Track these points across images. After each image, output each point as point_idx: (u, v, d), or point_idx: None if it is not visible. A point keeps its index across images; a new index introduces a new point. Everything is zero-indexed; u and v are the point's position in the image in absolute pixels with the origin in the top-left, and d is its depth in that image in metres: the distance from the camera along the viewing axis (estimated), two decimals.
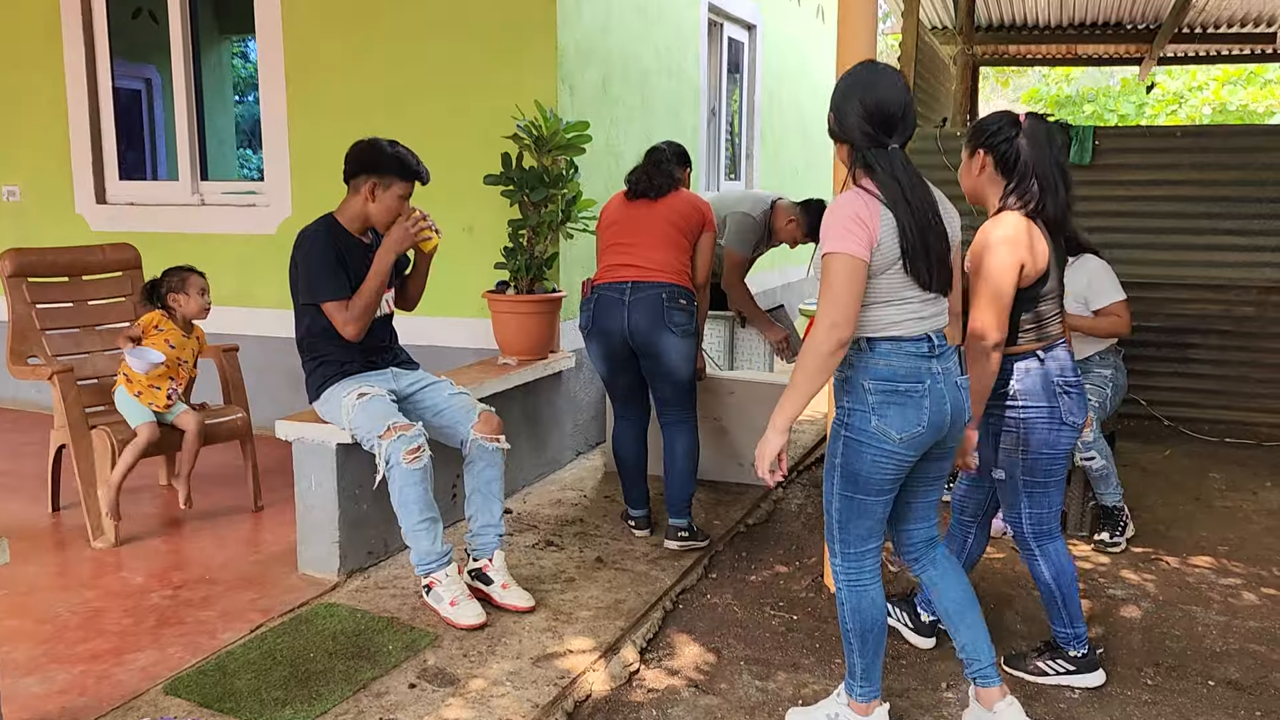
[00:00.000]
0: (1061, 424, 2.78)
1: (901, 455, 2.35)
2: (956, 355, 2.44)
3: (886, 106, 2.29)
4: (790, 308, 8.70)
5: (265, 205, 5.31)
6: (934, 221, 2.32)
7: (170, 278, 3.85)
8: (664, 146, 4.04)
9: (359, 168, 3.29)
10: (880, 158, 2.30)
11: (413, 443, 3.10)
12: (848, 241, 2.24)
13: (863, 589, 2.50)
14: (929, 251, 2.30)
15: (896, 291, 2.32)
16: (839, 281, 2.24)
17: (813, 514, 4.32)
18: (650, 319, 3.71)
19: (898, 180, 2.28)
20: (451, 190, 4.70)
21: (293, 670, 2.80)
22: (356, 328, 3.26)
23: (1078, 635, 2.90)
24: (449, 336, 4.90)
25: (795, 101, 9.28)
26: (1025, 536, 2.89)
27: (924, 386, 2.33)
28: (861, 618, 2.50)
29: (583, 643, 3.07)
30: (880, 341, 2.34)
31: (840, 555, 2.51)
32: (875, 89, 2.31)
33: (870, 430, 2.34)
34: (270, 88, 5.16)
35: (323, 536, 3.43)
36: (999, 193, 2.78)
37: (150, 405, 3.75)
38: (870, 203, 2.27)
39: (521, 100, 4.55)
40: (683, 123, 6.20)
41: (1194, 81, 16.21)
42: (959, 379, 2.43)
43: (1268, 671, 2.99)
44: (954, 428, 2.42)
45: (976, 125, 2.83)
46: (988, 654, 2.57)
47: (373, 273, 3.27)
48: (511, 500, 4.36)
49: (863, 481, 2.40)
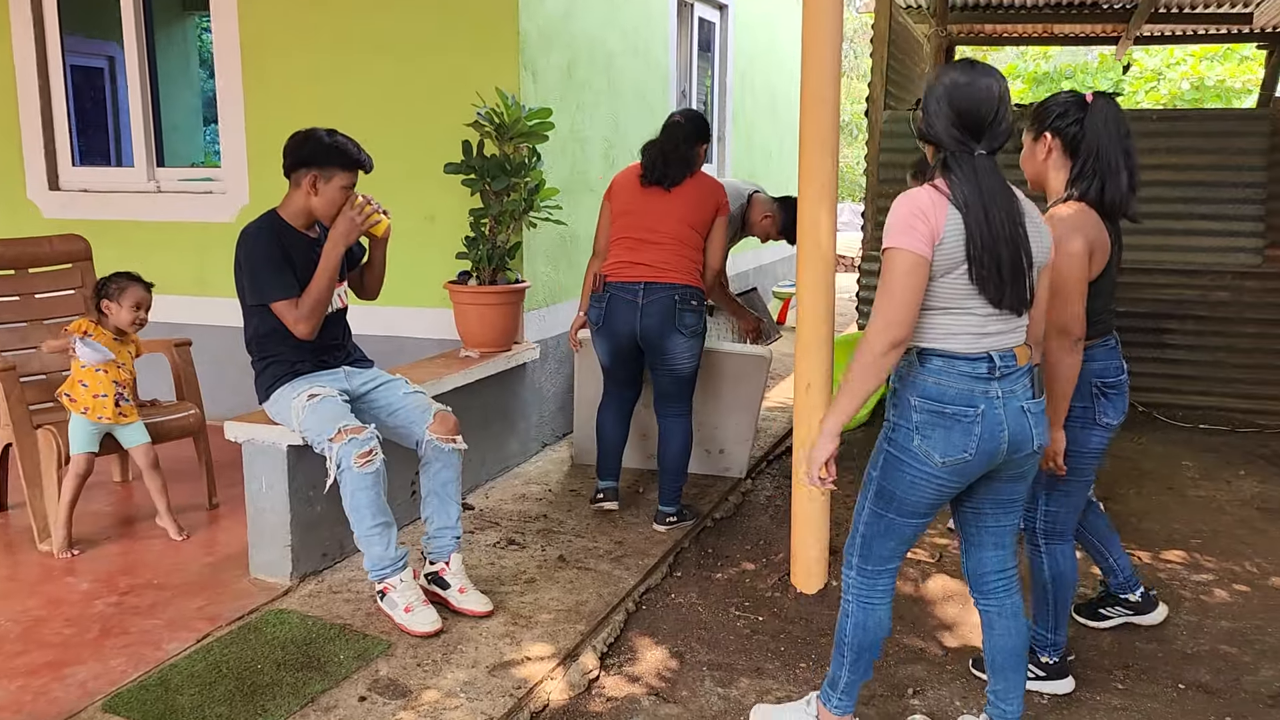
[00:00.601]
0: (1094, 424, 2.71)
1: (944, 480, 2.20)
2: (1029, 377, 2.24)
3: (977, 110, 2.13)
4: (764, 290, 8.63)
5: (223, 192, 5.16)
6: (1014, 234, 2.13)
7: (112, 283, 3.68)
8: (681, 120, 3.91)
9: (297, 161, 3.16)
10: (963, 162, 2.15)
11: (364, 446, 3.00)
12: (908, 236, 2.09)
13: (871, 608, 2.39)
14: (1001, 264, 2.12)
15: (957, 300, 2.15)
16: (896, 278, 2.10)
17: (781, 506, 4.25)
18: (661, 321, 3.76)
19: (978, 186, 2.12)
20: (412, 178, 4.59)
21: (239, 683, 2.71)
22: (308, 326, 3.15)
23: (1055, 643, 2.84)
24: (411, 327, 4.79)
25: (768, 83, 9.16)
26: (1035, 531, 2.82)
27: (976, 411, 2.16)
28: (863, 635, 2.40)
29: (541, 649, 2.99)
30: (932, 356, 2.18)
31: (856, 570, 2.39)
32: (968, 91, 2.14)
33: (912, 450, 2.20)
34: (225, 71, 5.00)
35: (274, 540, 3.33)
36: (1063, 178, 2.67)
37: (100, 419, 3.60)
38: (938, 200, 2.13)
39: (483, 86, 4.42)
40: (652, 106, 6.08)
41: (1171, 58, 16.16)
42: (1026, 403, 2.21)
43: (1239, 674, 2.94)
44: (1017, 454, 2.22)
45: (1041, 107, 2.72)
46: (1017, 708, 2.45)
47: (321, 268, 3.15)
48: (473, 496, 4.27)
49: (897, 502, 2.26)
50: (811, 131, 3.24)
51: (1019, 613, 2.43)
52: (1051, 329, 2.50)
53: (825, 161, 3.24)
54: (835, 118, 3.26)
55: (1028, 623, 2.48)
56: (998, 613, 2.43)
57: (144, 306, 3.69)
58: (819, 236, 3.27)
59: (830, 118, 3.24)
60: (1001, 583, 2.42)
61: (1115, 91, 2.78)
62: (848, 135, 17.81)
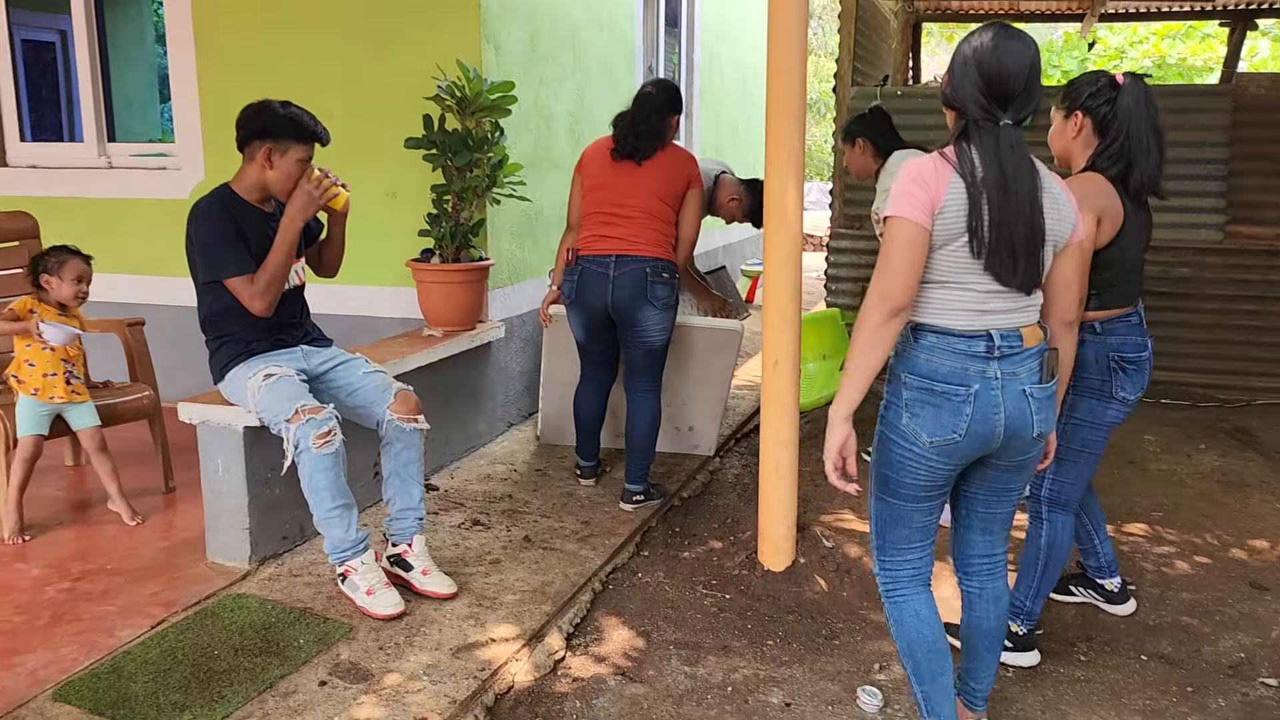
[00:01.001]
0: (1111, 398, 2.73)
1: (934, 462, 2.11)
2: (1037, 360, 2.13)
3: (1007, 78, 2.01)
4: (732, 269, 8.60)
5: (177, 168, 5.04)
6: (1026, 211, 2.02)
7: (49, 257, 3.58)
8: (653, 91, 3.86)
9: (251, 133, 3.06)
10: (986, 132, 2.03)
11: (323, 426, 2.93)
12: (904, 204, 2.01)
13: (902, 600, 2.27)
14: (1015, 242, 2.01)
15: (955, 274, 2.05)
16: (893, 248, 2.01)
17: (749, 485, 4.23)
18: (633, 293, 3.74)
19: (999, 159, 2.01)
20: (373, 153, 4.50)
21: (195, 670, 2.65)
22: (264, 302, 3.07)
23: (1030, 612, 2.86)
24: (373, 306, 4.71)
25: (736, 59, 9.10)
26: (1040, 498, 2.83)
27: (968, 391, 2.06)
28: (904, 632, 2.27)
29: (506, 630, 2.95)
30: (926, 331, 2.09)
31: (877, 562, 2.30)
32: (997, 56, 2.02)
33: (900, 427, 2.12)
34: (178, 45, 4.87)
35: (232, 524, 3.26)
36: (1084, 157, 2.69)
37: (52, 399, 3.50)
38: (941, 167, 2.03)
39: (443, 60, 4.33)
40: (618, 81, 6.00)
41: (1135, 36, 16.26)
42: (1030, 387, 2.10)
43: (1199, 645, 2.96)
44: (1014, 440, 2.12)
45: (1074, 86, 2.71)
46: (987, 685, 2.41)
47: (278, 243, 3.07)
48: (438, 477, 4.21)
49: (892, 485, 2.18)
50: (778, 104, 3.19)
51: (1001, 597, 2.37)
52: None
53: (792, 134, 3.20)
54: (802, 90, 3.22)
55: (1008, 607, 2.42)
56: (979, 594, 2.37)
57: (85, 279, 3.61)
58: (786, 210, 3.23)
59: (797, 90, 3.19)
60: (986, 565, 2.36)
61: (1145, 74, 2.79)
62: (815, 114, 17.79)
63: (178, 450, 4.01)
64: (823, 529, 3.67)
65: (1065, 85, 2.76)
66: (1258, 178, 5.28)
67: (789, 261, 3.27)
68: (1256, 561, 3.51)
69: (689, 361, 4.44)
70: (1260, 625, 3.06)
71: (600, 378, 4.04)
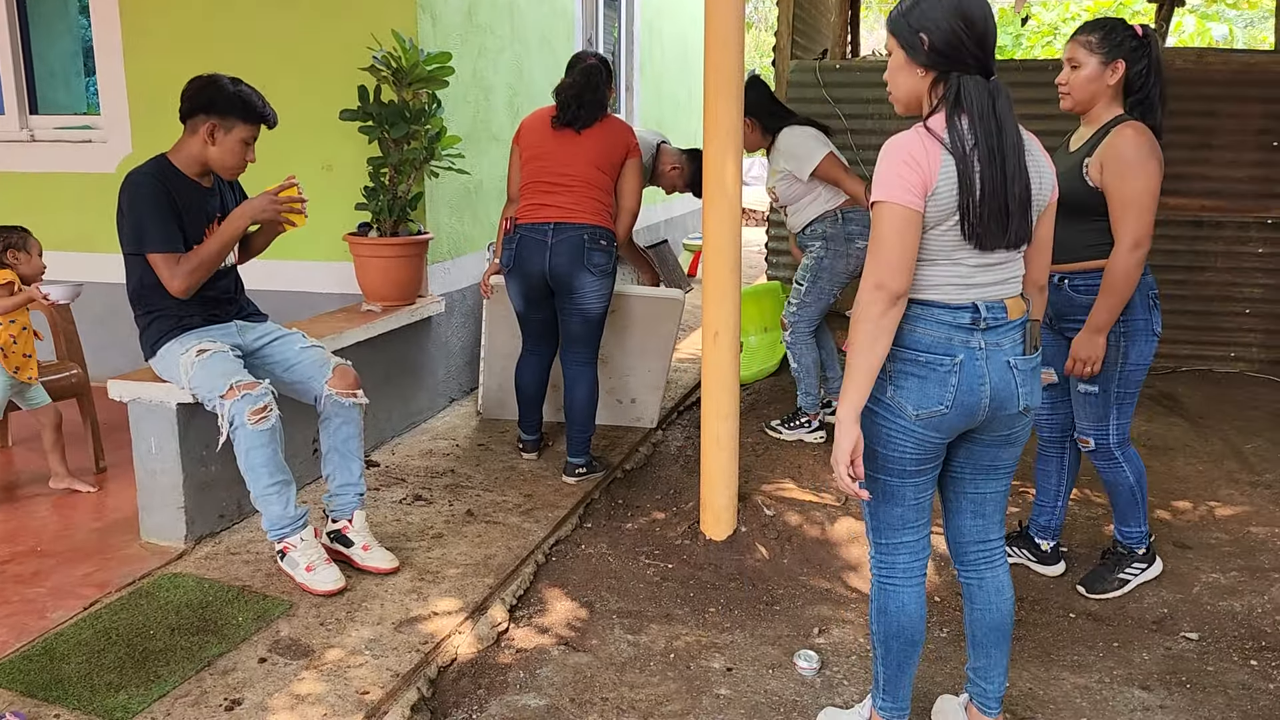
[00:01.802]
0: (1152, 334, 2.88)
1: (921, 435, 2.04)
2: (1020, 331, 2.08)
3: (992, 28, 1.92)
4: (674, 243, 8.61)
5: (103, 142, 4.90)
6: (1015, 169, 1.95)
7: (13, 234, 3.51)
8: (596, 63, 3.84)
9: (196, 106, 2.98)
10: (979, 89, 1.93)
11: (258, 402, 2.89)
12: (895, 187, 1.91)
13: (893, 589, 2.18)
14: (1006, 203, 1.94)
15: (946, 252, 1.99)
16: (886, 234, 1.91)
17: (692, 456, 4.26)
18: (570, 259, 3.73)
19: (995, 114, 1.92)
20: (308, 125, 4.41)
21: (129, 650, 2.60)
22: (184, 285, 2.98)
23: (1145, 533, 3.12)
24: (310, 281, 4.63)
25: (677, 33, 9.08)
26: (1110, 446, 3.00)
27: (953, 361, 1.99)
28: (886, 621, 2.19)
29: (449, 604, 2.95)
30: (912, 304, 2.01)
31: (873, 544, 2.22)
32: (980, 4, 1.92)
33: (886, 400, 2.04)
34: (102, 16, 4.72)
35: (166, 502, 3.20)
36: (1112, 103, 2.79)
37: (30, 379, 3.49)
38: (930, 145, 1.93)
39: (379, 30, 4.26)
40: (558, 53, 5.95)
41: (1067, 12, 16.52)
42: (1015, 358, 2.05)
43: (1125, 602, 3.06)
44: (1000, 412, 2.06)
45: (1111, 32, 2.76)
46: (999, 685, 2.30)
47: (218, 235, 3.00)
48: (379, 453, 4.18)
49: (880, 460, 2.09)
50: (715, 79, 3.19)
51: (1002, 587, 2.27)
52: (1127, 242, 2.69)
53: (730, 109, 3.21)
54: (739, 64, 3.22)
55: (1013, 600, 2.30)
56: (978, 585, 2.27)
57: (42, 253, 3.58)
58: (725, 184, 3.24)
59: (734, 64, 3.20)
60: (982, 554, 2.27)
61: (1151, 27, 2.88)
62: None
63: (108, 430, 3.92)
64: (763, 498, 3.71)
65: (1094, 32, 2.78)
66: (1183, 150, 5.40)
67: (728, 234, 3.28)
68: (1180, 521, 3.63)
69: (630, 332, 4.44)
70: (1183, 582, 3.18)
71: (541, 350, 4.03)
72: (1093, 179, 2.76)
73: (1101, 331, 2.80)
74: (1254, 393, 5.31)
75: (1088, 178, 2.77)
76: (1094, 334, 2.81)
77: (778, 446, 4.31)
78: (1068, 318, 2.94)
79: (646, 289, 4.43)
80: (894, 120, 5.98)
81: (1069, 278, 2.90)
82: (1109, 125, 2.78)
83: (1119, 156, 2.71)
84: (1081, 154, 2.80)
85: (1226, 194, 5.49)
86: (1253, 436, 4.57)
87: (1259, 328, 5.66)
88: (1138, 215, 2.71)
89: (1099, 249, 2.81)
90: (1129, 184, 2.70)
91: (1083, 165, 2.78)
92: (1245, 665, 2.74)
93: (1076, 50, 2.80)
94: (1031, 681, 2.66)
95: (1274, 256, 5.58)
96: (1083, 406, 2.99)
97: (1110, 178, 2.73)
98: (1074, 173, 2.79)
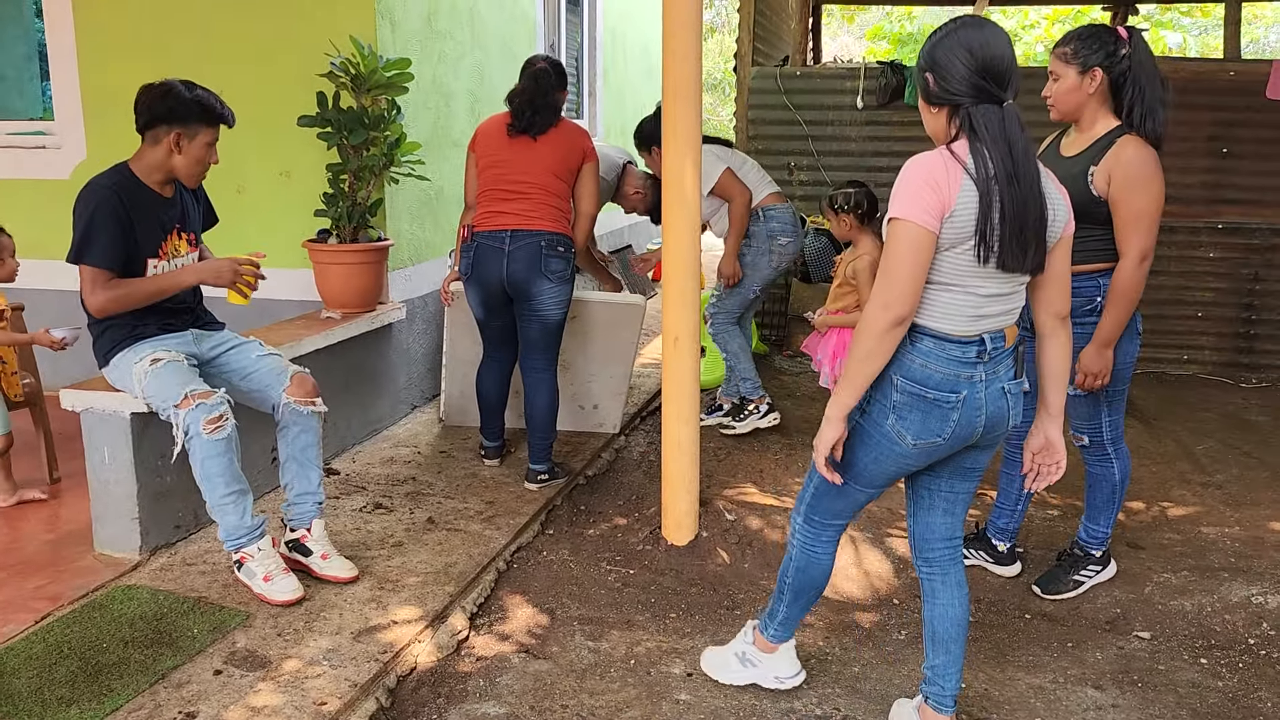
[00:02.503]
0: (1136, 333, 2.94)
1: (911, 459, 2.14)
2: (1012, 357, 2.14)
3: (997, 56, 1.98)
4: (638, 248, 8.63)
5: (57, 148, 4.83)
6: (1035, 194, 2.00)
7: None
8: (548, 68, 3.84)
9: (156, 117, 2.94)
10: (990, 117, 1.98)
11: (213, 411, 2.86)
12: (914, 206, 1.94)
13: (814, 556, 2.39)
14: (1024, 227, 1.98)
15: (960, 277, 2.02)
16: (899, 253, 1.95)
17: (654, 462, 4.26)
18: (528, 266, 3.73)
19: (1008, 143, 1.97)
20: (266, 131, 4.38)
21: (82, 663, 2.57)
22: (101, 307, 2.92)
23: (1108, 535, 3.17)
24: (269, 289, 4.51)
25: (641, 40, 9.11)
26: (1104, 443, 3.05)
27: (958, 397, 2.06)
28: (804, 578, 2.41)
29: (409, 612, 2.93)
30: (924, 336, 2.06)
31: (804, 518, 2.37)
32: (980, 36, 1.99)
33: (885, 428, 2.11)
34: (56, 19, 4.66)
35: (120, 513, 3.16)
36: (1098, 112, 2.81)
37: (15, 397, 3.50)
38: (952, 168, 1.97)
39: (337, 36, 4.23)
40: (519, 59, 5.88)
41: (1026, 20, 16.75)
42: (1008, 384, 2.13)
43: (1079, 603, 3.11)
44: (991, 434, 2.16)
45: (1084, 42, 2.77)
46: (954, 684, 2.35)
47: (162, 281, 2.97)
48: (339, 461, 4.15)
49: (855, 471, 2.19)
50: (673, 83, 3.21)
51: (963, 582, 2.36)
52: (1134, 255, 2.76)
53: (688, 113, 3.22)
54: (697, 69, 3.24)
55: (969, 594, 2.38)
56: (941, 582, 2.34)
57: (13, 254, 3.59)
58: (684, 189, 3.26)
59: (692, 69, 3.21)
60: (948, 551, 2.34)
61: (1142, 28, 2.89)
62: (720, 94, 17.89)
63: (62, 440, 3.86)
64: (725, 503, 3.73)
65: (1069, 43, 2.80)
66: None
67: (688, 240, 3.30)
68: (1133, 522, 3.69)
69: (592, 338, 4.45)
70: (1135, 582, 3.23)
71: (502, 356, 4.02)
72: (1098, 189, 2.78)
73: (1109, 344, 2.84)
74: (1206, 395, 5.41)
75: (1092, 187, 2.79)
76: (1102, 347, 2.84)
77: (739, 451, 4.33)
78: None
79: (608, 295, 4.44)
80: (854, 126, 6.04)
81: None
82: (1111, 136, 2.78)
83: (1128, 171, 2.73)
84: (1085, 162, 2.81)
85: (1178, 199, 5.57)
86: (1204, 438, 4.65)
87: (1210, 330, 5.77)
88: (1146, 229, 2.75)
89: (1086, 255, 2.84)
90: (1138, 199, 2.73)
91: (1087, 174, 2.79)
92: (1195, 664, 2.79)
93: (1055, 62, 2.84)
94: (987, 682, 2.69)
95: (1225, 261, 5.70)
96: (1074, 406, 3.03)
97: (1118, 191, 2.75)
98: (1078, 180, 2.79)
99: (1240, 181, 5.62)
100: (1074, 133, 2.92)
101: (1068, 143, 2.94)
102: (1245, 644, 2.89)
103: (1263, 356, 5.73)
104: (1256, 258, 5.66)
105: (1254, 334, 5.73)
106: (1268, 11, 16.69)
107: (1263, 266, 5.66)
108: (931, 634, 2.36)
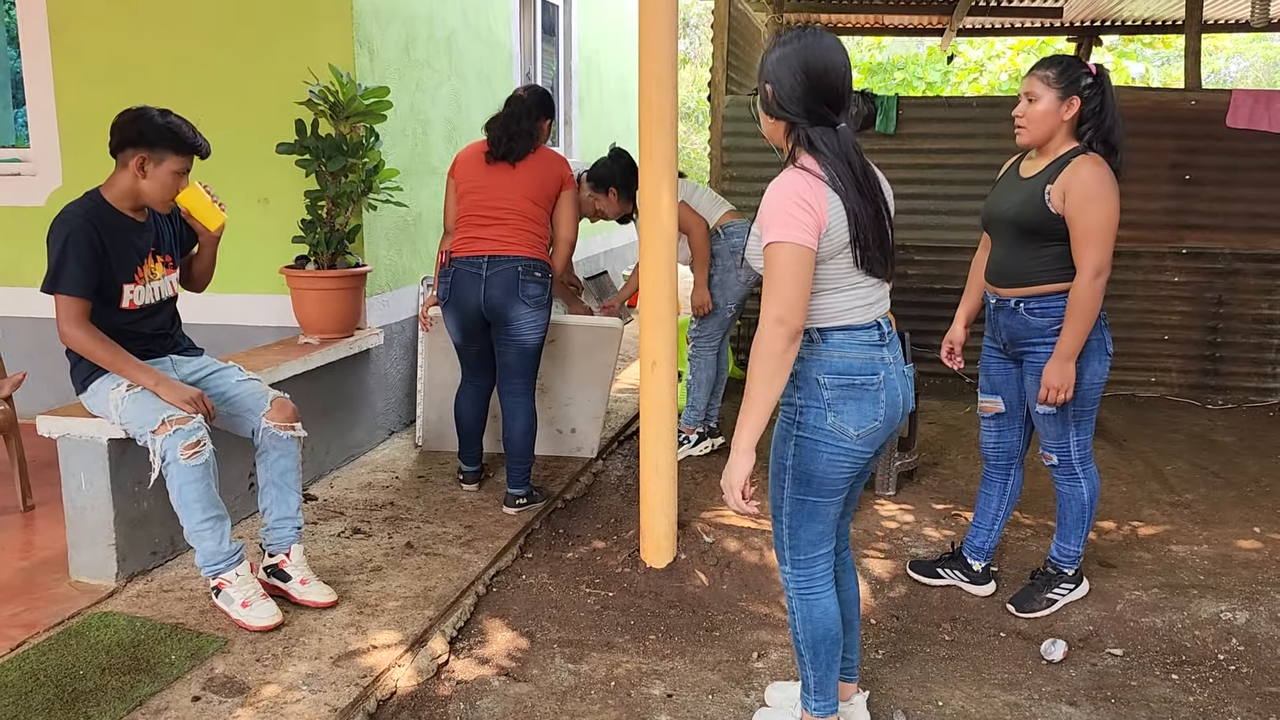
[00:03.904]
0: (1106, 353, 2.98)
1: (859, 452, 2.19)
2: (900, 343, 2.31)
3: (833, 78, 2.06)
4: (614, 274, 8.68)
5: (32, 174, 4.82)
6: (883, 207, 2.15)
7: None
8: (524, 95, 3.90)
9: (125, 140, 2.95)
10: (827, 137, 2.08)
11: (191, 437, 2.86)
12: (791, 228, 2.01)
13: (815, 598, 2.32)
14: (883, 238, 2.13)
15: (845, 277, 2.13)
16: (783, 273, 2.02)
17: (632, 485, 4.29)
18: (505, 291, 3.76)
19: (848, 162, 2.08)
20: (244, 158, 4.39)
21: (58, 691, 2.55)
22: (71, 339, 2.91)
23: (1079, 554, 3.21)
24: (247, 315, 4.59)
25: (616, 69, 9.21)
26: (1073, 463, 3.09)
27: (879, 378, 2.17)
28: (813, 628, 2.32)
29: (388, 637, 2.93)
30: (833, 331, 2.15)
31: (790, 563, 2.32)
32: (820, 57, 2.05)
33: (826, 428, 2.16)
34: (32, 46, 4.66)
35: (97, 539, 3.14)
36: (1067, 138, 2.89)
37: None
38: (814, 184, 2.05)
39: (316, 64, 4.27)
40: (496, 89, 6.01)
41: (992, 50, 17.06)
42: (905, 367, 2.27)
43: (1053, 620, 3.15)
44: (901, 419, 2.26)
45: (1064, 70, 2.85)
46: (857, 653, 2.53)
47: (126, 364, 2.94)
48: (317, 486, 4.14)
49: (817, 483, 2.21)
50: (649, 110, 3.26)
51: (852, 565, 2.53)
52: (1089, 271, 2.81)
53: (664, 139, 3.27)
54: (673, 96, 3.30)
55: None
56: (842, 569, 2.47)
57: None
58: (660, 215, 3.30)
59: (668, 96, 3.27)
60: (843, 543, 2.49)
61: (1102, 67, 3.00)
62: (693, 122, 18.07)
63: (36, 467, 3.84)
64: (703, 525, 3.76)
65: (1052, 67, 2.88)
66: None
67: (664, 264, 3.34)
68: (1104, 541, 3.74)
69: (569, 362, 4.47)
70: (1107, 600, 3.28)
71: (480, 381, 4.04)
72: (1054, 205, 2.86)
73: (1070, 359, 2.89)
74: (1173, 416, 5.51)
75: (1049, 204, 2.86)
76: (1063, 361, 2.89)
77: (716, 474, 4.36)
78: (1023, 341, 3.03)
79: (585, 318, 4.47)
80: None
81: (1025, 301, 2.99)
82: (1068, 156, 2.87)
83: (1083, 188, 2.81)
84: (1041, 181, 2.89)
85: (1143, 225, 5.70)
86: (1173, 458, 4.74)
87: (1177, 353, 5.88)
88: (1100, 245, 2.82)
89: (1054, 273, 2.92)
90: (1092, 214, 2.80)
91: (1044, 192, 2.87)
92: (1167, 679, 2.84)
93: (1034, 84, 2.90)
94: (964, 700, 2.72)
95: (1189, 285, 5.81)
96: (1043, 425, 3.08)
97: (1073, 207, 2.82)
98: (1035, 199, 2.89)
99: (1203, 208, 5.75)
100: (1035, 155, 3.00)
101: (1028, 164, 3.02)
102: (1215, 659, 2.94)
103: (1228, 379, 5.84)
104: (1220, 282, 5.79)
105: (1219, 356, 5.84)
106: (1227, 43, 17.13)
107: (1226, 290, 5.78)
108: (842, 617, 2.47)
